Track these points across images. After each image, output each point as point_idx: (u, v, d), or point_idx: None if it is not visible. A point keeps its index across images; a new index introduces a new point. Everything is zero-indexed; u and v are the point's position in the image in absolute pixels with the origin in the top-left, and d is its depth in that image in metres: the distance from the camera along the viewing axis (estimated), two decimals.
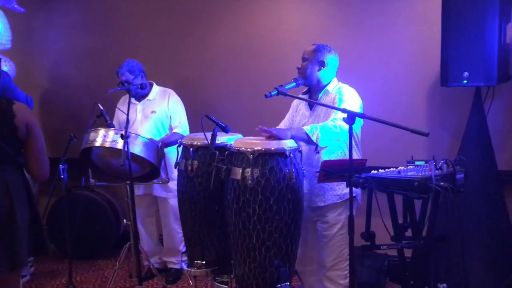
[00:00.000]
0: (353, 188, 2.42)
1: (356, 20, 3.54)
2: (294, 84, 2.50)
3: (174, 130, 3.44)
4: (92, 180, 3.26)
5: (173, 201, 3.46)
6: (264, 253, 2.19)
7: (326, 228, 2.57)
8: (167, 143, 3.28)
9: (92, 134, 3.07)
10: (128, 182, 3.04)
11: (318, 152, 2.42)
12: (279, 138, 2.28)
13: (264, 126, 2.61)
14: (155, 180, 3.28)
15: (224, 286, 2.38)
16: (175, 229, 3.55)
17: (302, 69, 2.59)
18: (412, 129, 1.91)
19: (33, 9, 4.30)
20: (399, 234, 2.27)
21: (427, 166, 2.16)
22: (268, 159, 2.18)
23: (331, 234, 2.55)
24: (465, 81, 2.84)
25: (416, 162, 2.32)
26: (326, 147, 2.43)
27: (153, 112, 3.45)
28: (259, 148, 2.19)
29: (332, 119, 2.35)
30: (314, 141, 2.30)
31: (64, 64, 4.42)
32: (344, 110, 2.09)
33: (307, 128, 2.32)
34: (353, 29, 3.55)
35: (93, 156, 3.24)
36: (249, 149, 2.19)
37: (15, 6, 3.91)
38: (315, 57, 2.58)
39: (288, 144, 2.25)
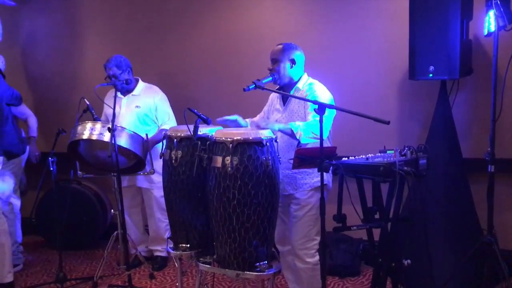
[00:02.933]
0: (324, 176, 2.60)
1: (330, 18, 3.71)
2: (270, 78, 2.64)
3: (162, 127, 3.53)
4: (80, 173, 3.37)
5: (157, 192, 3.59)
6: (243, 234, 2.33)
7: (297, 209, 2.73)
8: (155, 141, 3.39)
9: (79, 128, 3.18)
10: (115, 174, 3.16)
11: (300, 146, 2.56)
12: (266, 128, 2.44)
13: (244, 118, 2.78)
14: (140, 172, 3.40)
15: (207, 265, 2.51)
16: (160, 219, 3.68)
17: (273, 70, 2.68)
18: (374, 117, 2.08)
19: (22, 2, 4.34)
20: (368, 216, 2.40)
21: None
22: (247, 148, 2.32)
23: (300, 215, 2.71)
24: (431, 75, 3.02)
25: (388, 151, 2.47)
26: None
27: (137, 106, 3.55)
28: (238, 137, 2.33)
29: (313, 119, 2.50)
30: (297, 138, 2.47)
31: (52, 61, 4.49)
32: (315, 102, 2.26)
33: (292, 125, 2.48)
34: (326, 26, 3.72)
35: (81, 149, 3.34)
36: (228, 139, 2.34)
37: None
38: (285, 56, 2.69)
39: (265, 134, 2.40)
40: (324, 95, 2.65)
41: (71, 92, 4.37)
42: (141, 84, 3.65)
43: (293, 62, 2.71)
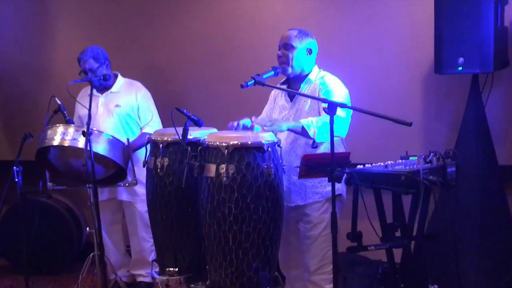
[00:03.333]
0: (338, 186, 2.60)
1: (343, 2, 3.72)
2: (272, 73, 2.65)
3: (144, 130, 3.53)
4: (50, 184, 3.36)
5: (141, 206, 3.58)
6: (241, 256, 2.33)
7: (309, 228, 2.73)
8: (136, 147, 3.39)
9: (49, 132, 3.17)
10: (91, 185, 3.16)
11: (316, 147, 2.57)
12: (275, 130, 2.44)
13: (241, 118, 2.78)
14: (121, 183, 3.40)
15: None
16: (144, 238, 3.66)
17: (285, 57, 2.71)
18: (394, 118, 2.09)
19: None
20: (388, 234, 2.41)
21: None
22: (245, 154, 2.33)
23: (315, 235, 2.71)
24: (460, 68, 3.03)
25: (411, 158, 2.47)
26: (323, 143, 2.58)
27: (117, 106, 3.55)
28: (235, 142, 2.34)
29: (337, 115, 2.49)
30: (311, 136, 2.46)
31: (17, 53, 4.50)
32: (324, 100, 2.26)
33: (304, 122, 2.47)
34: (339, 12, 3.73)
35: (51, 157, 3.34)
36: (223, 144, 2.34)
37: None
38: (301, 43, 2.72)
39: (266, 137, 2.41)
40: (339, 90, 2.67)
41: (40, 90, 4.37)
42: (120, 80, 3.65)
43: (309, 51, 2.73)
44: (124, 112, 3.55)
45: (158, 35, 4.15)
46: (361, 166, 2.34)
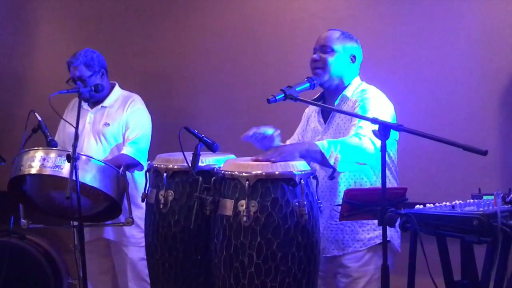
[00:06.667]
0: (387, 232, 2.56)
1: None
2: (308, 85, 2.65)
3: (123, 151, 3.50)
4: (23, 221, 3.38)
5: (132, 252, 3.59)
6: None
7: (348, 283, 2.71)
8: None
9: (25, 157, 3.21)
10: (76, 223, 3.18)
11: (333, 179, 2.57)
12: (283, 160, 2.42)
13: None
14: (114, 221, 3.41)
15: None
16: None
17: (322, 62, 2.73)
18: (464, 144, 2.05)
19: None
20: None
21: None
22: (271, 188, 2.32)
23: None
24: None
25: (485, 197, 2.45)
26: (344, 172, 2.57)
27: (105, 124, 3.60)
28: (258, 172, 2.33)
29: (356, 133, 2.50)
30: (331, 163, 2.44)
31: None
32: (374, 121, 2.25)
33: (322, 144, 2.45)
34: (391, 10, 3.74)
35: (27, 188, 3.38)
36: (244, 174, 2.34)
37: None
38: (344, 46, 2.76)
39: (299, 166, 2.40)
40: (381, 108, 2.65)
41: (16, 103, 4.45)
42: (116, 92, 3.70)
43: (353, 58, 2.77)
44: (113, 132, 3.60)
45: (162, 36, 4.22)
46: (421, 207, 2.31)
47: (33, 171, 3.15)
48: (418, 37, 3.70)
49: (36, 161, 3.17)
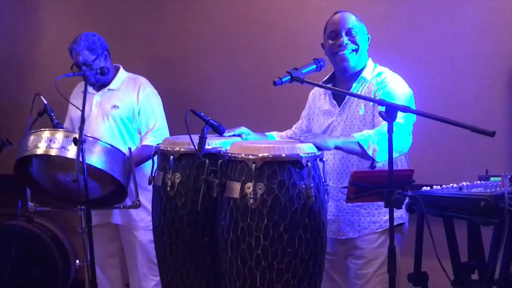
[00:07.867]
0: (399, 213, 2.57)
1: None
2: (314, 66, 2.64)
3: (145, 142, 3.53)
4: (31, 204, 3.40)
5: (142, 234, 3.61)
6: None
7: (362, 265, 2.72)
8: (136, 161, 3.40)
9: (32, 138, 3.22)
10: (83, 206, 3.20)
11: (374, 168, 2.57)
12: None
13: (272, 128, 2.79)
14: (120, 205, 3.42)
15: None
16: (146, 275, 3.68)
17: (355, 45, 2.72)
18: (472, 126, 2.05)
19: None
20: (462, 277, 2.38)
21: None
22: (277, 170, 2.32)
23: (368, 274, 2.71)
24: None
25: (492, 179, 2.45)
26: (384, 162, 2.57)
27: (114, 107, 3.60)
28: (265, 154, 2.33)
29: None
30: (370, 154, 2.46)
31: None
32: (381, 102, 2.25)
33: (360, 137, 2.46)
34: None
35: (34, 170, 3.39)
36: (250, 156, 2.34)
37: None
38: (363, 29, 2.78)
39: (305, 149, 2.40)
40: (402, 90, 2.67)
41: (22, 87, 4.46)
42: (122, 75, 3.70)
43: (368, 39, 2.80)
44: (122, 115, 3.60)
45: (169, 20, 4.20)
46: (428, 188, 2.32)
47: (40, 151, 3.16)
48: (425, 18, 3.68)
49: (43, 142, 3.17)
